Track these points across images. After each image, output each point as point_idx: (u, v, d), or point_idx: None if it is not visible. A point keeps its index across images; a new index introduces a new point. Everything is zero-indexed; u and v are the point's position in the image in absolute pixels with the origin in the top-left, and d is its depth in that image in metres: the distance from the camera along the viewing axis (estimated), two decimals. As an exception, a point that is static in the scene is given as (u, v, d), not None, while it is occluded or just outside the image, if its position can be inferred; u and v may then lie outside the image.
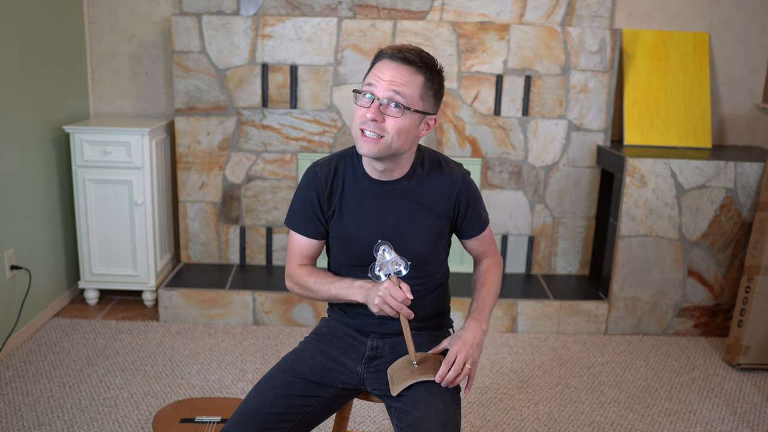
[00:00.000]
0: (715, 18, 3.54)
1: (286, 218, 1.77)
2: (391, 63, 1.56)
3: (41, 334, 3.05)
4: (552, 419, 2.55)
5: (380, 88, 1.55)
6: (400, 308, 1.54)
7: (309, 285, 1.71)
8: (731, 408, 2.67)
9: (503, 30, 3.31)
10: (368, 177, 1.68)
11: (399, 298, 1.53)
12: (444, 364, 1.57)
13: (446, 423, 1.50)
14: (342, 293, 1.66)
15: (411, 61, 1.56)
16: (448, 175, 1.71)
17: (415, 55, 1.57)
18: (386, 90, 1.55)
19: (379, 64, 1.59)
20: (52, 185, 3.23)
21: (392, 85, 1.55)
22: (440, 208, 1.70)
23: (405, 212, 1.68)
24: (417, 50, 1.59)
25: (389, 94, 1.55)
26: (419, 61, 1.57)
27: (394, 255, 1.56)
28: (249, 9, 3.40)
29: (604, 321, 3.28)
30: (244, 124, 3.41)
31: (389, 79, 1.55)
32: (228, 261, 3.59)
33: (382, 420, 2.49)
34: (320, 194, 1.69)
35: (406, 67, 1.56)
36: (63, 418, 2.41)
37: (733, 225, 3.18)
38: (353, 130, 1.61)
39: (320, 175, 1.70)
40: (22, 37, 2.93)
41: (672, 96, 3.49)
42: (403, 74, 1.56)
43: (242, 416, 1.54)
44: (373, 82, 1.57)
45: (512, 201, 3.51)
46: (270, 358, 2.92)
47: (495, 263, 1.84)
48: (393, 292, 1.54)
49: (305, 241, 1.74)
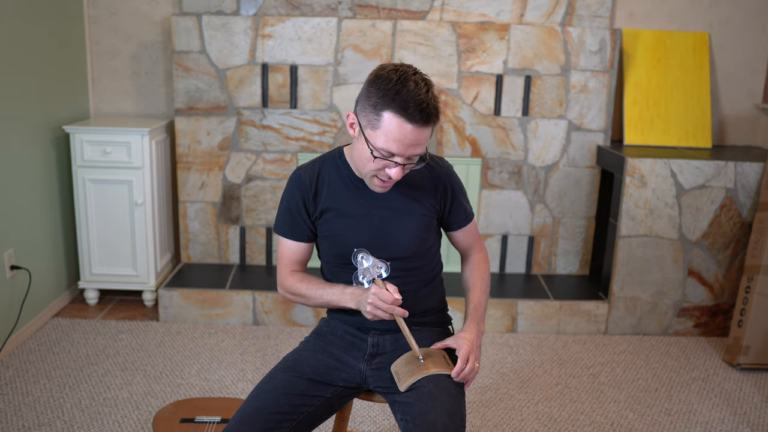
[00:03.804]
0: (715, 18, 3.55)
1: (273, 226, 1.78)
2: (411, 127, 1.50)
3: (41, 334, 3.05)
4: (552, 419, 2.55)
5: (403, 153, 1.53)
6: (392, 309, 1.56)
7: (301, 292, 1.73)
8: (731, 408, 2.67)
9: (503, 30, 3.31)
10: (353, 176, 1.70)
11: (388, 301, 1.56)
12: (460, 361, 1.60)
13: (452, 414, 1.51)
14: (334, 300, 1.69)
15: (432, 121, 1.52)
16: (432, 168, 1.73)
17: (434, 110, 1.51)
18: (410, 155, 1.54)
19: (396, 124, 1.49)
20: (52, 185, 3.23)
21: (416, 149, 1.53)
22: (427, 200, 1.72)
23: (392, 207, 1.69)
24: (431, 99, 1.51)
25: (412, 156, 1.54)
26: (435, 116, 1.53)
27: (372, 260, 1.60)
28: (249, 9, 3.40)
29: (604, 321, 3.29)
30: (244, 124, 3.41)
31: (413, 144, 1.52)
32: (228, 261, 3.59)
33: (383, 420, 2.49)
34: (305, 196, 1.70)
35: (427, 126, 1.52)
36: (63, 418, 2.41)
37: (733, 225, 3.18)
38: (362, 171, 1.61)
39: (304, 178, 1.71)
40: (22, 37, 2.93)
41: (672, 96, 3.49)
42: (424, 134, 1.53)
43: (244, 416, 1.54)
44: (396, 151, 1.52)
45: (512, 201, 3.51)
46: (270, 358, 2.92)
47: (483, 258, 1.86)
48: (381, 296, 1.56)
49: (294, 245, 1.75)
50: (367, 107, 1.53)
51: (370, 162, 1.56)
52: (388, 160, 1.54)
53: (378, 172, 1.58)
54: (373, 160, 1.55)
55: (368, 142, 1.54)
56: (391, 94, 1.49)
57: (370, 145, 1.54)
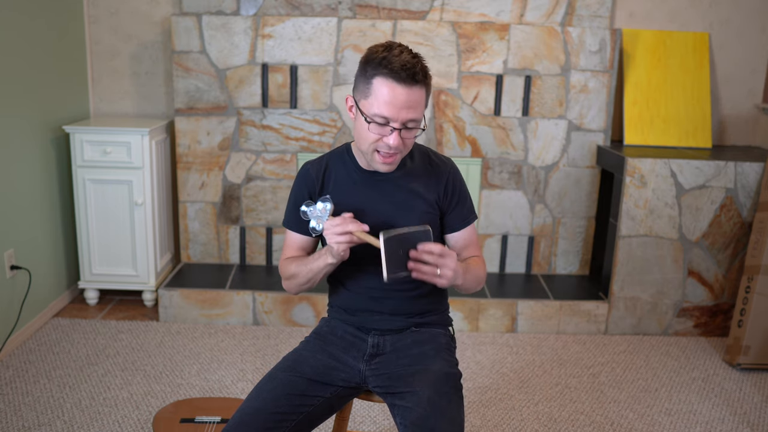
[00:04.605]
0: (715, 18, 3.55)
1: (283, 219, 1.80)
2: (400, 88, 1.53)
3: (41, 334, 3.05)
4: (552, 419, 2.55)
5: (396, 117, 1.55)
6: (345, 225, 1.54)
7: (291, 271, 1.73)
8: (731, 408, 2.67)
9: (503, 30, 3.31)
10: (360, 169, 1.72)
11: (338, 222, 1.55)
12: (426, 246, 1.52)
13: (451, 420, 1.51)
14: (316, 264, 1.67)
15: (419, 80, 1.55)
16: (437, 166, 1.75)
17: (420, 71, 1.55)
18: (404, 118, 1.55)
19: (386, 86, 1.54)
20: (52, 185, 3.23)
21: (408, 113, 1.55)
22: (431, 197, 1.72)
23: (397, 201, 1.70)
24: (417, 62, 1.56)
25: (406, 120, 1.56)
26: (424, 76, 1.56)
27: (314, 204, 1.61)
28: (249, 9, 3.40)
29: (604, 321, 3.28)
30: (244, 124, 3.41)
31: (405, 107, 1.54)
32: (228, 261, 3.59)
33: (382, 420, 2.49)
34: (311, 190, 1.73)
35: (415, 87, 1.55)
36: (63, 418, 2.41)
37: (733, 225, 3.18)
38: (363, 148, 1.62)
39: (311, 172, 1.74)
40: (22, 37, 2.93)
41: (672, 96, 3.49)
42: (414, 96, 1.55)
43: (244, 416, 1.54)
44: (388, 114, 1.54)
45: (512, 201, 3.51)
46: (270, 358, 2.92)
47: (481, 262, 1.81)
48: (333, 223, 1.56)
49: (299, 238, 1.77)
50: (360, 81, 1.60)
51: (368, 134, 1.58)
52: (384, 126, 1.56)
53: (377, 145, 1.59)
54: (369, 129, 1.57)
55: (363, 113, 1.57)
56: (378, 59, 1.55)
57: (365, 116, 1.57)
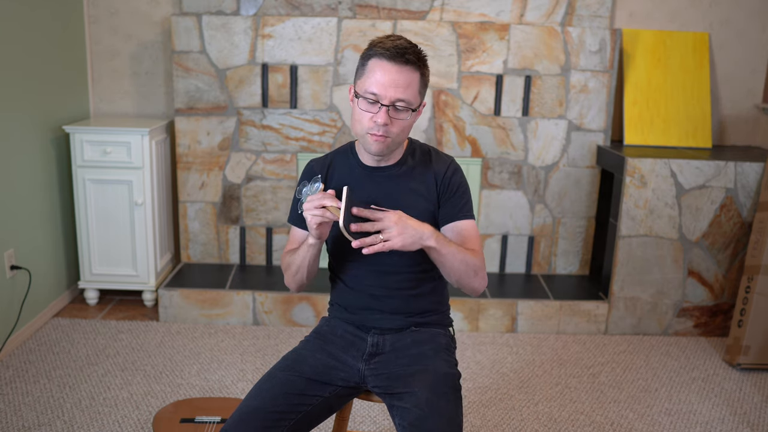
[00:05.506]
0: (715, 18, 3.54)
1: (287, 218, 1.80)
2: (390, 65, 1.57)
3: (41, 334, 3.05)
4: (552, 419, 2.55)
5: (384, 94, 1.57)
6: (322, 200, 1.54)
7: (288, 261, 1.75)
8: (731, 408, 2.67)
9: (503, 30, 3.31)
10: (362, 165, 1.73)
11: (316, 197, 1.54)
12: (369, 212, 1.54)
13: (449, 420, 1.51)
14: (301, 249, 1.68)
15: (410, 61, 1.58)
16: (437, 162, 1.76)
17: (412, 54, 1.58)
18: (392, 97, 1.57)
19: (378, 65, 1.58)
20: (52, 185, 3.23)
21: (397, 92, 1.57)
22: (431, 193, 1.72)
23: (398, 198, 1.70)
24: (411, 47, 1.60)
25: (395, 99, 1.57)
26: (416, 59, 1.59)
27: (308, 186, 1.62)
28: (249, 9, 3.40)
29: (604, 321, 3.28)
30: (244, 124, 3.41)
31: (393, 84, 1.57)
32: (228, 261, 3.59)
33: (382, 420, 2.49)
34: None
35: (405, 67, 1.58)
36: (63, 418, 2.41)
37: (733, 225, 3.18)
38: (358, 131, 1.64)
39: (316, 169, 1.76)
40: (22, 37, 2.93)
41: (672, 96, 3.49)
42: (404, 76, 1.58)
43: (243, 415, 1.54)
44: (377, 91, 1.57)
45: (512, 201, 3.51)
46: (270, 358, 2.92)
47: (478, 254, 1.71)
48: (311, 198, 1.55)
49: (302, 235, 1.77)
50: (358, 66, 1.64)
51: (362, 115, 1.60)
52: (374, 104, 1.58)
53: (369, 127, 1.60)
54: (359, 106, 1.59)
55: (357, 93, 1.61)
56: (376, 43, 1.61)
57: (358, 94, 1.60)
